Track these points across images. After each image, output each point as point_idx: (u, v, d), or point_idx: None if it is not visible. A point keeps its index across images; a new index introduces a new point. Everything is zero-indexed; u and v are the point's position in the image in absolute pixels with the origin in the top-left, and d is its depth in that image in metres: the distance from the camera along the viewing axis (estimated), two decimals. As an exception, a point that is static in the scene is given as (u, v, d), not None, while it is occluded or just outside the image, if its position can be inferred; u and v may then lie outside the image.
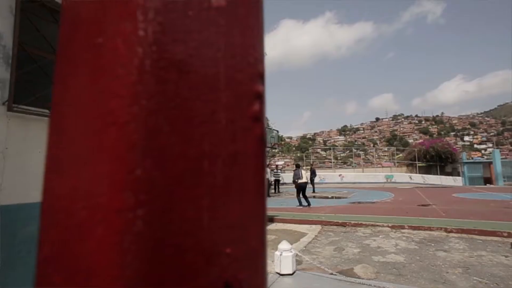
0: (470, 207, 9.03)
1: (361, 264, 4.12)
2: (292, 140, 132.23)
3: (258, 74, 0.27)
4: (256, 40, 0.28)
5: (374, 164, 37.09)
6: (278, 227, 6.66)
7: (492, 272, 3.65)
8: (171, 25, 0.24)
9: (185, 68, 0.24)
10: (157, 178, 0.23)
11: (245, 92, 0.27)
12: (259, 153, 0.27)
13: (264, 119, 0.28)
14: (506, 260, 4.09)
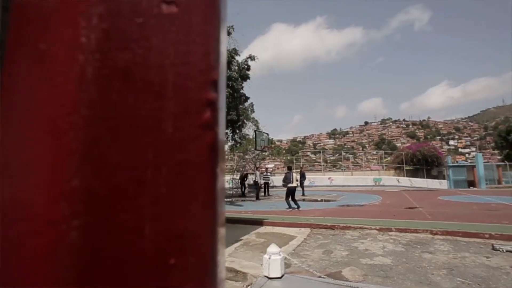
0: (455, 210, 9.25)
1: (349, 266, 4.15)
2: (282, 143, 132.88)
3: (211, 81, 0.27)
4: (211, 48, 0.27)
5: (363, 168, 37.62)
6: (267, 230, 6.66)
7: (474, 273, 3.74)
8: (116, 32, 0.24)
9: (130, 76, 0.24)
10: (96, 188, 0.22)
11: (196, 100, 0.26)
12: (209, 161, 0.26)
13: (218, 127, 0.27)
14: (487, 261, 4.20)
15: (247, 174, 19.34)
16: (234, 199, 15.56)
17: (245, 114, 17.67)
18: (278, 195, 17.57)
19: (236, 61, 13.86)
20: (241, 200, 14.66)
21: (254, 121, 20.46)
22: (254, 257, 4.60)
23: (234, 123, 15.90)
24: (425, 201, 12.12)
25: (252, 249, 5.12)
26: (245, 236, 6.10)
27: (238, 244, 5.42)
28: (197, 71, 0.26)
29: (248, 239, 5.83)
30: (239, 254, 4.83)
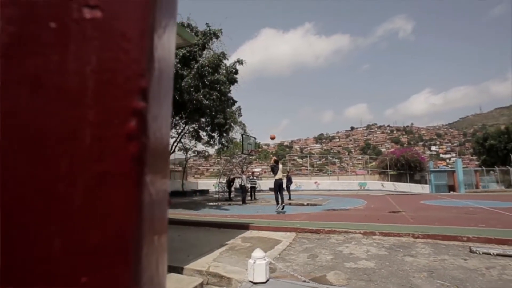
0: (436, 214, 9.51)
1: (333, 270, 4.17)
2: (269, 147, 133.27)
3: (138, 89, 0.25)
4: (140, 54, 0.26)
5: (348, 172, 38.17)
6: (253, 235, 6.63)
7: (453, 275, 3.84)
8: (27, 36, 0.22)
9: (42, 83, 0.22)
10: (1, 201, 0.21)
11: (120, 108, 0.24)
12: (133, 173, 0.24)
13: (147, 137, 0.26)
14: (465, 263, 4.33)
15: (234, 178, 19.25)
16: (221, 203, 15.43)
17: (233, 117, 17.65)
18: (264, 199, 17.56)
19: (224, 64, 13.86)
20: (228, 204, 14.55)
21: (241, 125, 20.45)
22: (239, 261, 4.56)
23: (221, 127, 15.84)
24: (408, 205, 12.41)
25: (237, 253, 5.08)
26: (230, 240, 6.05)
27: (223, 249, 5.37)
28: (123, 79, 0.25)
29: (234, 244, 5.78)
30: (224, 259, 4.77)
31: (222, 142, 17.32)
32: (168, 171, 0.31)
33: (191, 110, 13.17)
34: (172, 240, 6.21)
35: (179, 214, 10.40)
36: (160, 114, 0.27)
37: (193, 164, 39.15)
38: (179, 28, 4.10)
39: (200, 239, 6.31)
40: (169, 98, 0.30)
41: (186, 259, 4.67)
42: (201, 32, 13.52)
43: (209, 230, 7.29)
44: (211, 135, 17.08)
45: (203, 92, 12.36)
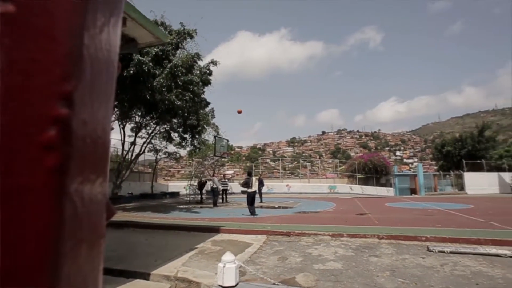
0: (399, 215, 10.04)
1: (303, 272, 4.24)
2: (242, 149, 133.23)
3: (60, 94, 0.23)
4: (64, 55, 0.23)
5: (319, 175, 39.21)
6: (223, 238, 6.56)
7: (412, 273, 4.07)
8: None
9: None
10: None
11: (37, 116, 0.22)
12: (51, 186, 0.22)
13: (71, 146, 0.23)
14: (423, 262, 4.61)
15: (206, 180, 18.98)
16: (191, 206, 15.12)
17: (206, 119, 17.44)
18: (236, 201, 17.47)
19: (198, 65, 13.67)
20: (199, 207, 14.30)
21: (214, 127, 20.26)
22: (209, 265, 4.48)
23: (193, 128, 15.58)
24: (374, 207, 12.98)
25: (207, 257, 4.99)
26: (200, 244, 5.93)
27: (193, 253, 5.25)
28: (41, 83, 0.22)
29: (204, 247, 5.68)
30: (193, 263, 4.67)
31: (194, 143, 17.04)
32: (106, 176, 0.27)
33: (162, 111, 12.80)
34: (139, 245, 5.97)
35: (148, 217, 10.03)
36: (93, 119, 0.24)
37: (164, 165, 38.07)
38: (152, 26, 3.98)
39: (169, 243, 6.12)
40: (108, 101, 0.26)
41: (153, 264, 4.51)
42: (175, 31, 13.24)
43: (178, 234, 7.10)
44: (183, 136, 16.73)
45: (176, 92, 12.08)
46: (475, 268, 4.28)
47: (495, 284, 3.68)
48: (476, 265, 4.40)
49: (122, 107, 12.89)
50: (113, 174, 16.79)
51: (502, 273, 4.04)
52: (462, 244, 5.46)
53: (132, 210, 12.46)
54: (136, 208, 13.65)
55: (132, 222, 8.41)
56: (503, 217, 8.92)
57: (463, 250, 5.07)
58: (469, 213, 10.18)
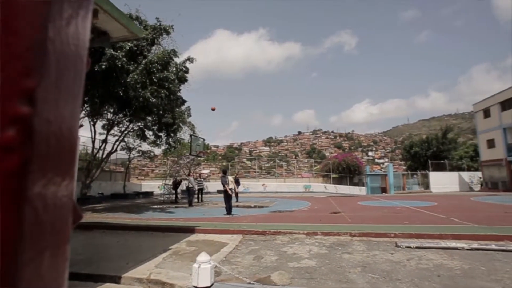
0: (370, 213, 10.45)
1: (278, 271, 4.29)
2: (218, 149, 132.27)
3: (21, 91, 0.21)
4: (23, 50, 0.21)
5: (295, 175, 39.87)
6: (198, 238, 6.48)
7: (382, 268, 4.26)
8: None
9: None
10: None
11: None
12: (10, 191, 0.20)
13: (31, 147, 0.21)
14: (391, 257, 4.83)
15: (181, 180, 18.62)
16: (166, 206, 14.77)
17: (181, 117, 17.10)
18: (211, 201, 17.32)
19: (174, 62, 13.36)
20: (174, 207, 14.00)
21: (190, 125, 19.93)
22: (183, 266, 4.41)
23: (169, 126, 15.23)
24: (347, 206, 13.41)
25: (181, 258, 4.90)
26: (175, 245, 5.81)
27: (167, 254, 5.13)
28: None
29: (178, 248, 5.57)
30: (167, 264, 4.56)
31: (170, 142, 16.64)
32: (72, 178, 0.25)
33: (136, 108, 12.37)
34: (110, 247, 5.73)
35: (119, 218, 9.67)
36: (58, 118, 0.23)
37: (137, 164, 36.84)
38: (126, 20, 3.83)
39: (142, 244, 5.94)
40: (76, 99, 0.24)
41: (125, 267, 4.35)
42: (151, 26, 12.85)
43: (152, 235, 6.91)
44: (157, 134, 16.28)
45: (151, 89, 11.73)
46: (437, 261, 4.57)
47: (453, 275, 3.94)
48: (438, 258, 4.69)
49: (93, 103, 12.28)
50: (82, 173, 16.00)
51: (459, 265, 4.35)
52: (427, 239, 5.79)
53: (103, 211, 11.94)
54: (107, 208, 13.10)
55: (102, 224, 8.07)
56: (461, 213, 9.58)
57: (427, 245, 5.38)
58: (433, 210, 10.83)
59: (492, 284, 3.63)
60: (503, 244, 5.33)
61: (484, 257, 4.78)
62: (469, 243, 5.36)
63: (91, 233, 7.07)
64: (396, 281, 3.76)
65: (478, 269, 4.16)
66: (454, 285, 3.58)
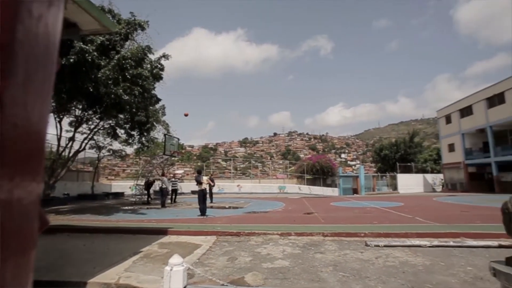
0: (342, 214, 10.78)
1: (251, 272, 4.29)
2: (193, 149, 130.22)
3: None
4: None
5: (270, 176, 40.19)
6: (171, 240, 6.32)
7: (352, 267, 4.41)
8: None
9: None
10: None
11: None
12: None
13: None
14: (361, 256, 5.02)
15: (154, 180, 18.08)
16: (137, 207, 14.28)
17: (156, 116, 16.64)
18: (185, 202, 17.00)
19: (148, 59, 12.95)
20: (146, 208, 13.57)
21: (164, 124, 19.44)
22: (155, 269, 4.28)
23: (142, 125, 14.74)
24: (320, 207, 13.73)
25: (153, 261, 4.76)
26: (146, 247, 5.63)
27: (137, 257, 4.95)
28: None
29: (150, 251, 5.40)
30: (137, 268, 4.41)
31: (142, 141, 16.09)
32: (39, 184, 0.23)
33: (108, 105, 11.83)
34: (75, 251, 5.43)
35: (86, 220, 9.20)
36: (26, 121, 0.21)
37: (107, 164, 35.26)
38: (97, 12, 3.65)
39: (111, 247, 5.68)
40: (45, 101, 0.22)
41: (91, 271, 4.14)
42: (125, 20, 12.37)
43: (121, 237, 6.64)
44: (130, 133, 15.68)
45: (124, 86, 11.28)
46: (402, 258, 4.81)
47: (416, 271, 4.18)
48: (404, 256, 4.95)
49: (59, 98, 11.56)
50: (46, 173, 15.02)
51: (422, 261, 4.62)
52: (394, 238, 6.08)
53: (68, 213, 11.29)
54: (73, 210, 12.41)
55: (67, 226, 7.62)
56: (425, 212, 10.18)
57: (394, 243, 5.65)
58: (400, 210, 11.40)
59: (449, 278, 3.88)
60: (459, 240, 5.73)
61: (443, 253, 5.11)
62: (431, 241, 5.70)
63: (54, 236, 6.65)
64: (365, 278, 3.91)
65: (437, 265, 4.44)
66: (417, 280, 3.79)
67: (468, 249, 5.36)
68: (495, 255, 4.78)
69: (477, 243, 5.52)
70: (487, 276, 3.54)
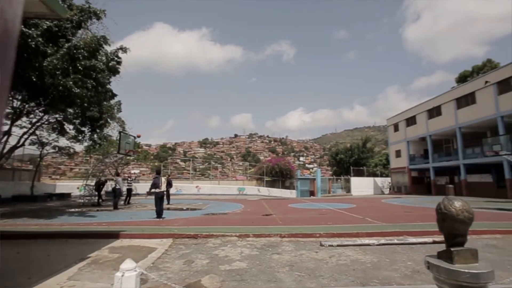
0: (299, 215, 11.12)
1: (208, 274, 4.21)
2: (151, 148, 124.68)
3: None
4: None
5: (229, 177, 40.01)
6: (123, 244, 5.95)
7: (307, 266, 4.56)
8: None
9: None
10: None
11: None
12: None
13: None
14: (316, 255, 5.22)
15: (106, 180, 16.90)
16: (86, 209, 13.21)
17: (110, 112, 15.58)
18: (140, 203, 16.19)
19: (104, 51, 12.10)
20: (96, 210, 12.62)
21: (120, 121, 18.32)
22: (104, 276, 3.98)
23: (94, 121, 13.69)
24: (278, 208, 14.01)
25: (102, 267, 4.42)
26: (94, 252, 5.22)
27: (84, 263, 4.57)
28: None
29: (98, 256, 5.02)
30: (84, 275, 4.06)
31: (94, 138, 14.95)
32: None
33: (54, 97, 10.77)
34: (6, 260, 4.82)
35: (22, 224, 8.25)
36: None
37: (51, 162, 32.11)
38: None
39: (52, 254, 5.17)
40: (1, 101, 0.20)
41: (26, 283, 3.71)
42: (78, 7, 11.41)
43: (66, 242, 6.08)
44: (80, 129, 14.45)
45: (75, 78, 10.37)
46: (353, 257, 5.10)
47: (365, 268, 4.46)
48: (354, 254, 5.25)
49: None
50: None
51: (370, 259, 4.95)
52: (346, 238, 6.43)
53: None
54: (6, 214, 11.06)
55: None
56: (374, 213, 10.96)
57: (346, 243, 5.97)
58: (352, 211, 12.11)
59: (392, 273, 4.21)
60: (402, 238, 6.26)
61: (388, 250, 5.54)
62: (378, 239, 6.14)
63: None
64: (319, 277, 4.06)
65: (383, 261, 4.79)
66: (365, 277, 4.04)
67: (409, 246, 5.88)
68: (430, 250, 5.31)
69: (416, 240, 6.08)
70: (423, 269, 3.90)
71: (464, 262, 1.88)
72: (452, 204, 1.94)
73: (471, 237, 5.77)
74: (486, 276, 1.74)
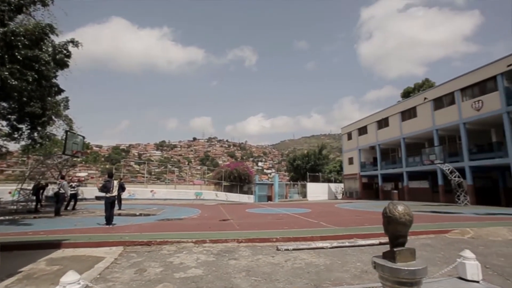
0: (256, 220, 11.20)
1: (162, 283, 4.02)
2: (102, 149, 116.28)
3: None
4: None
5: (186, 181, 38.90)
6: (65, 254, 5.42)
7: (264, 271, 4.60)
8: None
9: None
10: None
11: None
12: None
13: None
14: (273, 260, 5.30)
15: (46, 183, 15.31)
16: (20, 216, 11.80)
17: (55, 109, 14.20)
18: (87, 209, 14.96)
19: (51, 41, 11.04)
20: (33, 218, 11.33)
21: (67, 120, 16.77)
22: (40, 291, 3.57)
23: (35, 118, 12.35)
24: (236, 213, 13.96)
25: (37, 282, 3.97)
26: (28, 265, 4.67)
27: (14, 279, 4.05)
28: None
29: (33, 270, 4.50)
30: (14, 291, 3.60)
31: (34, 137, 13.47)
32: None
33: (-15, 89, 9.52)
34: None
35: None
36: None
37: (-21, 163, 28.13)
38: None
39: (-24, 268, 4.49)
40: None
41: None
42: (18, -10, 10.27)
43: (-6, 254, 5.33)
44: (16, 126, 12.91)
45: (12, 68, 9.29)
46: (308, 260, 5.28)
47: (319, 270, 4.64)
48: (309, 258, 5.44)
49: None
50: None
51: (323, 261, 5.16)
52: (301, 242, 6.63)
53: None
54: None
55: None
56: (328, 218, 11.49)
57: (301, 247, 6.16)
58: (308, 216, 12.55)
59: (343, 274, 4.45)
60: (353, 241, 6.66)
61: (340, 253, 5.83)
62: (331, 242, 6.44)
63: None
64: (275, 281, 4.12)
65: (335, 263, 5.03)
66: (319, 279, 4.20)
67: (359, 248, 6.26)
68: (377, 251, 5.71)
69: (365, 242, 6.50)
70: (371, 269, 4.18)
71: (404, 260, 2.09)
72: (396, 208, 2.13)
73: (410, 237, 6.34)
74: (421, 272, 2.00)
